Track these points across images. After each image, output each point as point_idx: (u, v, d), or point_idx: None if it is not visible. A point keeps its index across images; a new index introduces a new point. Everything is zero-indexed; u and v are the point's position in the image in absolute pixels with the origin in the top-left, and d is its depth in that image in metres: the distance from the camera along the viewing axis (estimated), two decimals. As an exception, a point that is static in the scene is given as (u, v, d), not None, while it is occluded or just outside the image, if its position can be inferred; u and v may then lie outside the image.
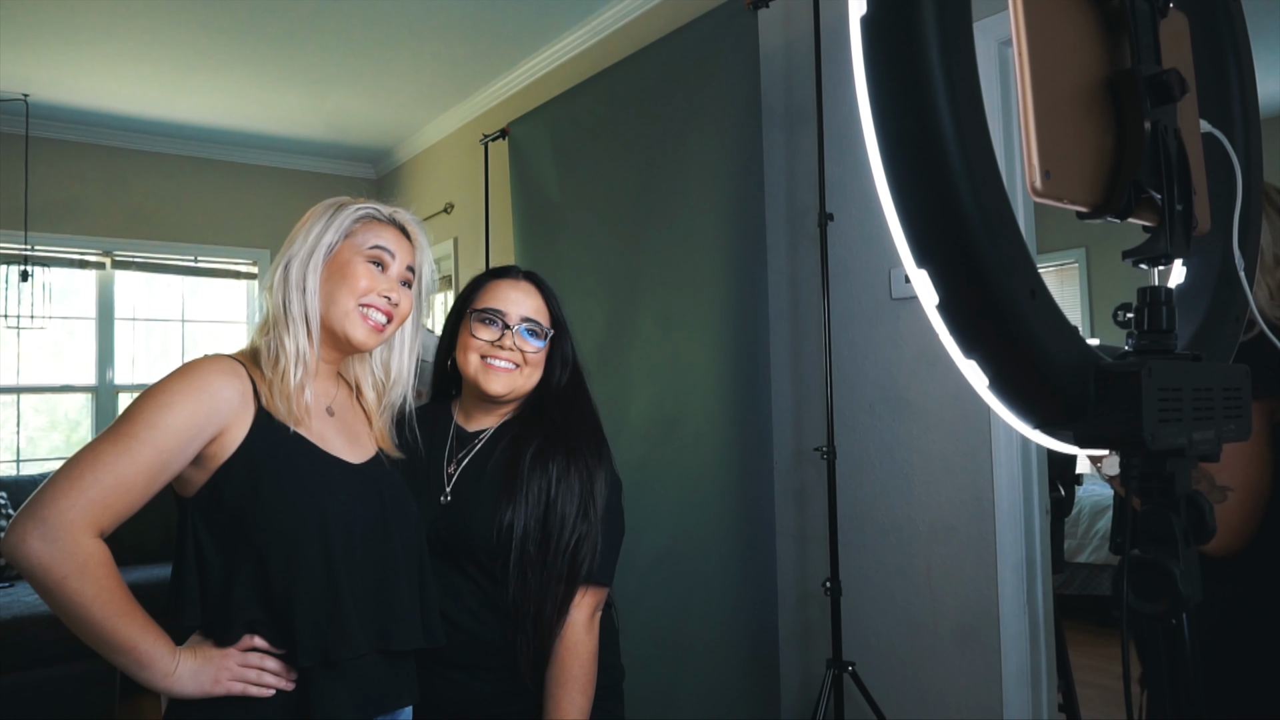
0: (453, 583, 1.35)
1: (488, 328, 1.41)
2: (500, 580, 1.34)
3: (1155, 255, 0.72)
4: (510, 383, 1.41)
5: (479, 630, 1.34)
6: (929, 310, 0.66)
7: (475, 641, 1.34)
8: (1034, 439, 0.73)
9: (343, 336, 1.25)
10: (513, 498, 1.34)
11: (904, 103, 0.62)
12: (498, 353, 1.40)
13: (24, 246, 4.54)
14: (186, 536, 1.16)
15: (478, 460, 1.43)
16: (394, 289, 1.27)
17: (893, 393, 2.47)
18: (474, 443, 1.45)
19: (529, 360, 1.42)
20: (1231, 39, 0.89)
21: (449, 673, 1.34)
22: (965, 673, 2.29)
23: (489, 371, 1.40)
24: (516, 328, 1.42)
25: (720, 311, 2.66)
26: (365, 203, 1.31)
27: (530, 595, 1.32)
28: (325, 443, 1.24)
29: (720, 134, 2.68)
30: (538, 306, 1.45)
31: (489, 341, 1.40)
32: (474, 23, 3.66)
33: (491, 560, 1.34)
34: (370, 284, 1.25)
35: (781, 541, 2.68)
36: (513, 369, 1.41)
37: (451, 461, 1.42)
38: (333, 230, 1.26)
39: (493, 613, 1.35)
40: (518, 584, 1.32)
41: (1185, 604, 0.68)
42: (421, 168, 5.28)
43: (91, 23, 3.57)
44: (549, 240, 3.45)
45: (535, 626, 1.32)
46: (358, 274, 1.24)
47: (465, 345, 1.42)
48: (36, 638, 3.17)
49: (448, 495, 1.39)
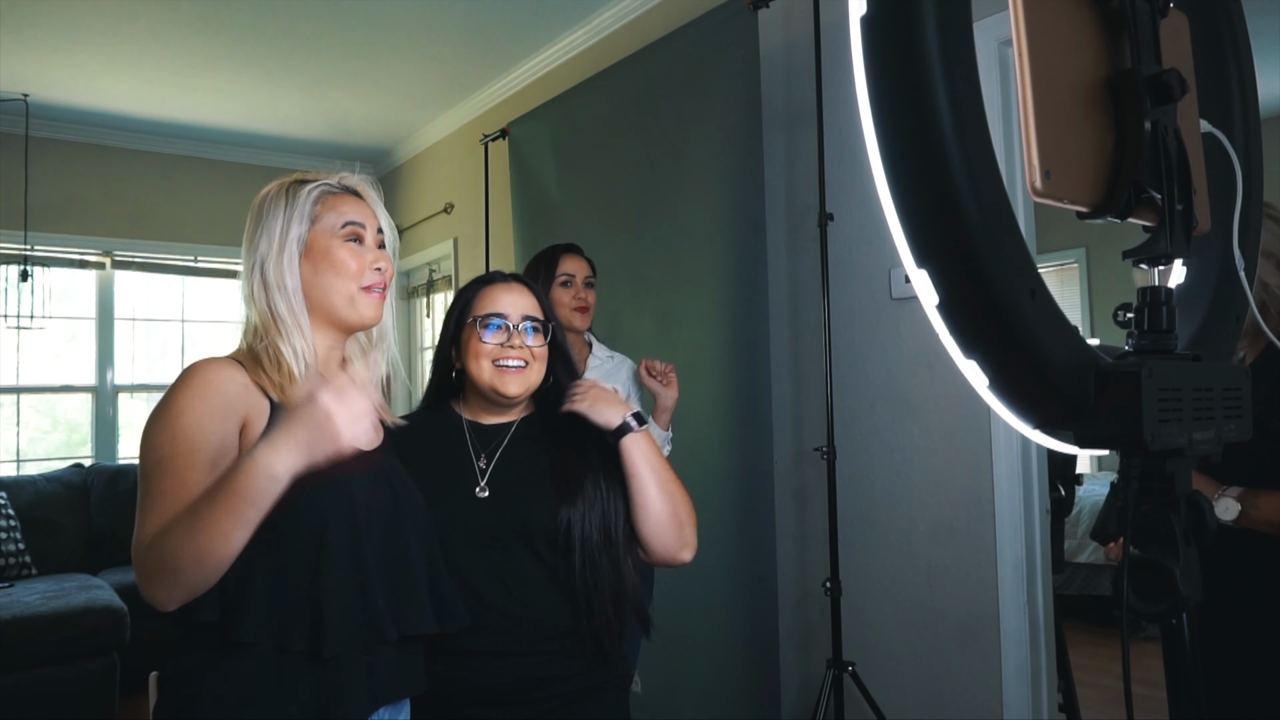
0: (503, 569, 1.37)
1: (494, 331, 1.45)
2: (560, 566, 1.37)
3: (1155, 255, 0.72)
4: (525, 381, 1.45)
5: (534, 611, 1.37)
6: (929, 310, 0.66)
7: (526, 624, 1.36)
8: (1034, 439, 0.73)
9: (355, 321, 1.25)
10: (574, 499, 1.39)
11: (904, 103, 0.62)
12: (508, 353, 1.44)
13: (24, 246, 4.54)
14: None
15: (512, 454, 1.46)
16: (379, 257, 1.27)
17: (893, 393, 2.47)
18: (501, 437, 1.48)
19: (536, 355, 1.46)
20: (1231, 39, 0.89)
21: (492, 658, 1.36)
22: (965, 673, 2.29)
23: (504, 375, 1.43)
24: (520, 326, 1.46)
25: (720, 311, 2.66)
26: (314, 178, 1.28)
27: (603, 576, 1.37)
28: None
29: (720, 134, 2.68)
30: (533, 304, 1.50)
31: (499, 344, 1.44)
32: (474, 23, 3.66)
33: (552, 550, 1.38)
34: (359, 264, 1.24)
35: (781, 541, 2.68)
36: (524, 366, 1.45)
37: (481, 455, 1.45)
38: (297, 220, 1.24)
39: (548, 595, 1.38)
40: (581, 569, 1.36)
41: (1185, 604, 0.68)
42: (421, 168, 5.28)
43: (91, 23, 3.57)
44: (549, 240, 3.43)
45: (615, 602, 1.37)
46: (344, 259, 1.23)
47: (476, 353, 1.45)
48: (36, 638, 3.16)
49: (484, 488, 1.42)
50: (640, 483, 1.39)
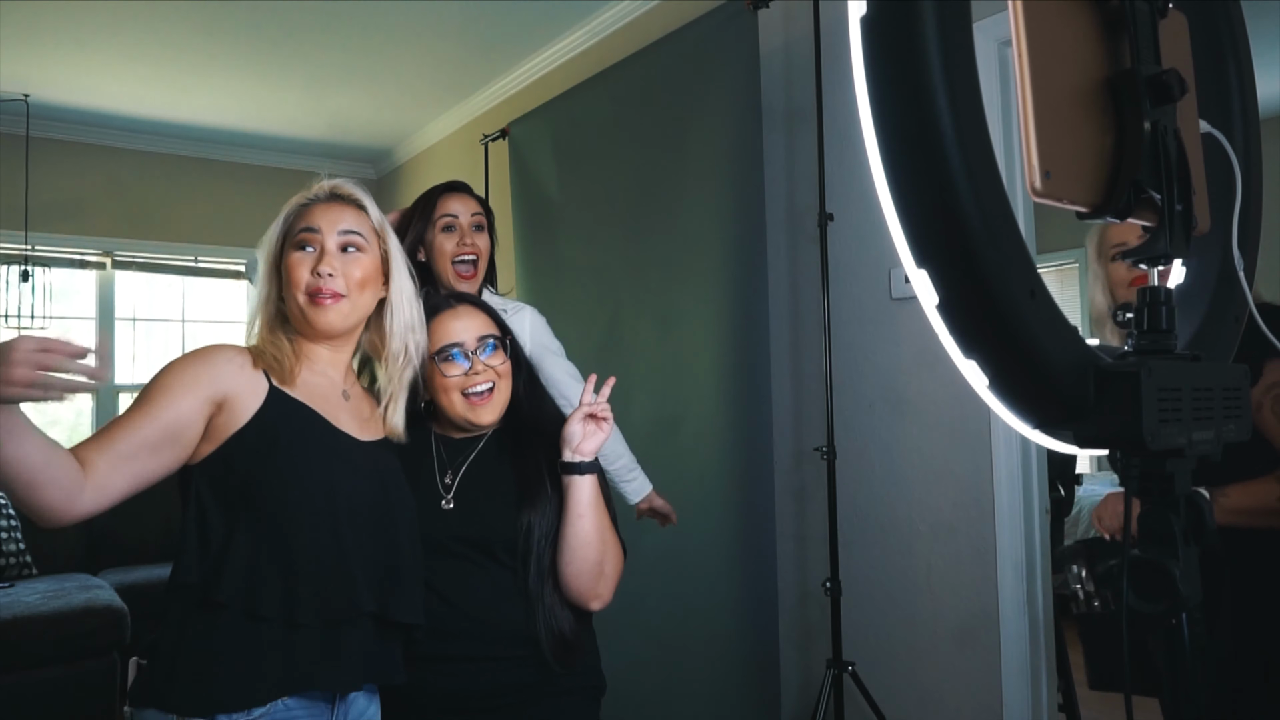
0: (471, 577, 1.39)
1: (454, 363, 1.44)
2: (520, 572, 1.40)
3: (1155, 255, 0.72)
4: (497, 407, 1.46)
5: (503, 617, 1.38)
6: (929, 310, 0.66)
7: (493, 630, 1.38)
8: (1034, 439, 0.73)
9: (310, 332, 1.30)
10: (533, 501, 1.41)
11: (904, 103, 0.62)
12: (474, 380, 1.43)
13: (24, 246, 4.54)
14: (190, 500, 1.21)
15: (478, 467, 1.47)
16: (327, 263, 1.27)
17: (893, 393, 2.47)
18: (469, 451, 1.48)
19: (500, 373, 1.46)
20: (1231, 39, 0.89)
21: (465, 664, 1.38)
22: (965, 673, 2.29)
23: (475, 407, 1.43)
24: (478, 350, 1.45)
25: (720, 311, 2.66)
26: (298, 197, 1.34)
27: (546, 583, 1.39)
28: (338, 421, 1.29)
29: (720, 134, 2.68)
30: (484, 323, 1.49)
31: (463, 374, 1.43)
32: (474, 23, 3.66)
33: (511, 556, 1.40)
34: (301, 273, 1.27)
35: (781, 541, 2.68)
36: (492, 388, 1.44)
37: (447, 471, 1.46)
38: (272, 237, 1.31)
39: (513, 602, 1.39)
40: (536, 575, 1.39)
41: (1185, 604, 0.68)
42: (421, 168, 5.28)
43: (91, 23, 3.57)
44: (549, 240, 3.45)
45: (552, 611, 1.39)
46: (292, 268, 1.28)
47: (443, 388, 1.44)
48: (36, 638, 3.16)
49: (449, 501, 1.43)
50: (580, 522, 1.39)
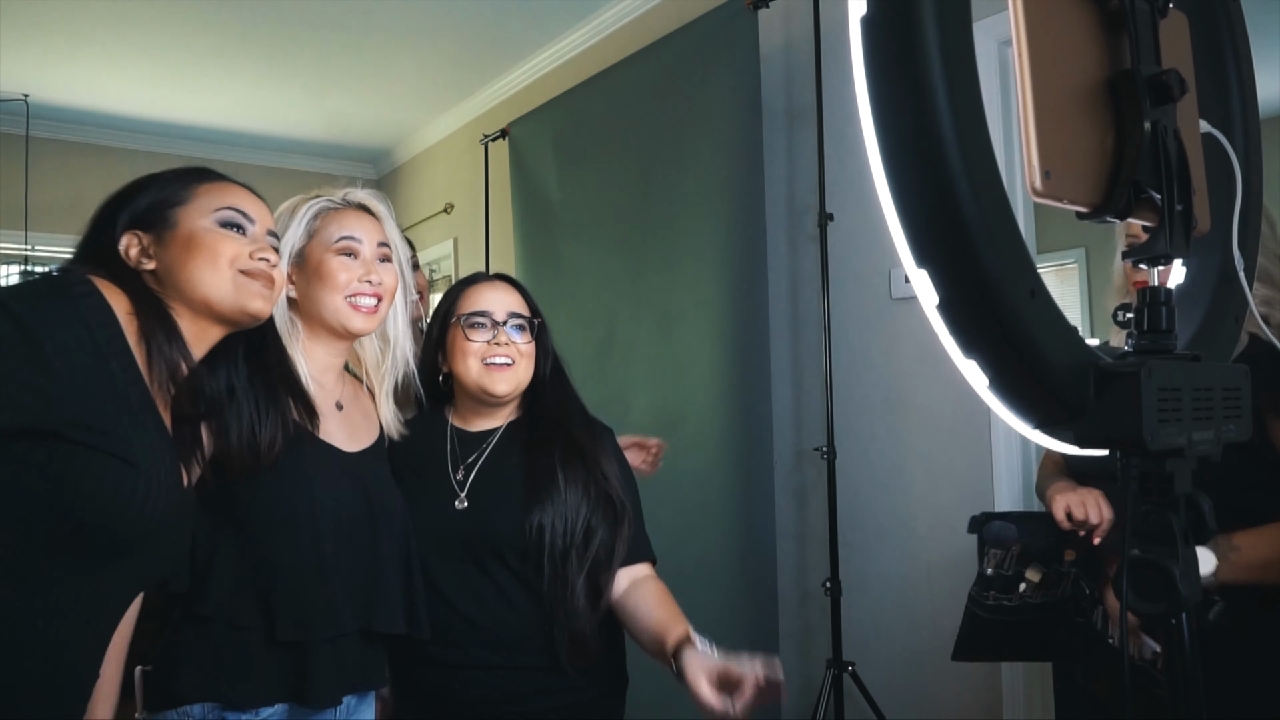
0: (477, 583, 1.37)
1: (479, 330, 1.43)
2: (532, 578, 1.36)
3: (1155, 255, 0.72)
4: (513, 379, 1.43)
5: (509, 627, 1.36)
6: (929, 310, 0.66)
7: (503, 638, 1.36)
8: (1034, 439, 0.73)
9: (342, 330, 1.30)
10: (542, 501, 1.36)
11: (904, 103, 0.62)
12: (495, 350, 1.42)
13: (24, 246, 4.54)
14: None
15: (492, 462, 1.44)
16: (372, 270, 1.30)
17: (893, 393, 2.47)
18: (484, 445, 1.46)
19: (522, 353, 1.45)
20: (1231, 39, 0.89)
21: (479, 671, 1.36)
22: (965, 672, 2.29)
23: (491, 373, 1.41)
24: (506, 324, 1.44)
25: (720, 311, 2.66)
26: (316, 197, 1.34)
27: (565, 586, 1.35)
28: (327, 434, 1.29)
29: (720, 134, 2.68)
30: (518, 301, 1.49)
31: (485, 342, 1.42)
32: (474, 23, 3.66)
33: (523, 561, 1.36)
34: (348, 275, 1.28)
35: (781, 541, 2.68)
36: (512, 364, 1.43)
37: (459, 467, 1.43)
38: (293, 232, 1.29)
39: (523, 609, 1.36)
40: (551, 578, 1.35)
41: (1185, 604, 0.68)
42: (421, 168, 5.28)
43: (91, 23, 3.57)
44: (549, 240, 3.45)
45: (569, 615, 1.34)
46: (334, 271, 1.28)
47: (462, 352, 1.43)
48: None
49: (463, 500, 1.40)
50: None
